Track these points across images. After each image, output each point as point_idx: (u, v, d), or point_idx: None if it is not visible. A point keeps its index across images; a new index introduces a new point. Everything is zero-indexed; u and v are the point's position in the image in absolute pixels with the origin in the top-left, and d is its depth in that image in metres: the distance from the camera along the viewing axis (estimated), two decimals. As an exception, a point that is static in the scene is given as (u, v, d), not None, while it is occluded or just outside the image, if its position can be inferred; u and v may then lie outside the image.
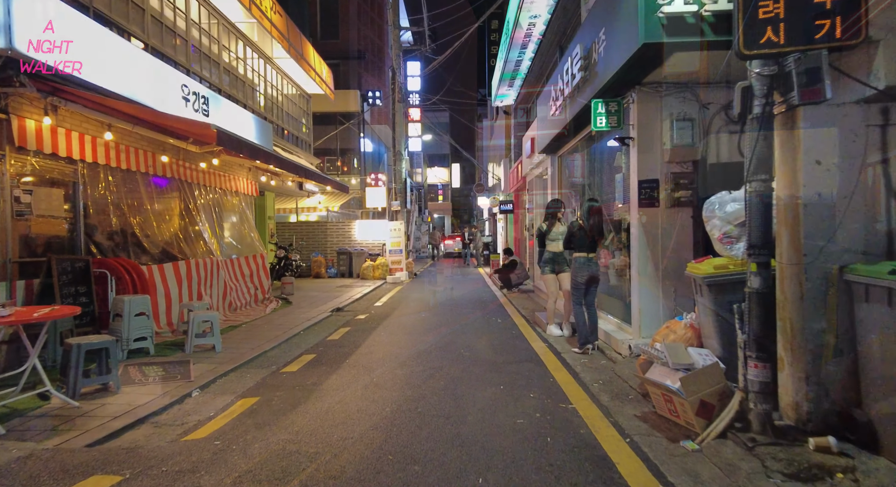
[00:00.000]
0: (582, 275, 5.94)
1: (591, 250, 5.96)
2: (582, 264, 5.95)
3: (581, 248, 5.99)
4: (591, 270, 5.97)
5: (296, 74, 14.97)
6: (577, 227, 6.03)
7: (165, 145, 7.95)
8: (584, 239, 5.96)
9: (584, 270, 5.94)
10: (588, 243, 5.95)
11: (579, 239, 5.99)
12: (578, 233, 6.00)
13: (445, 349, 6.37)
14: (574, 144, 8.38)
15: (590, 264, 5.96)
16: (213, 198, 9.85)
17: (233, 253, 10.24)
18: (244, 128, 10.15)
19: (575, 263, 6.04)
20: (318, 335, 7.47)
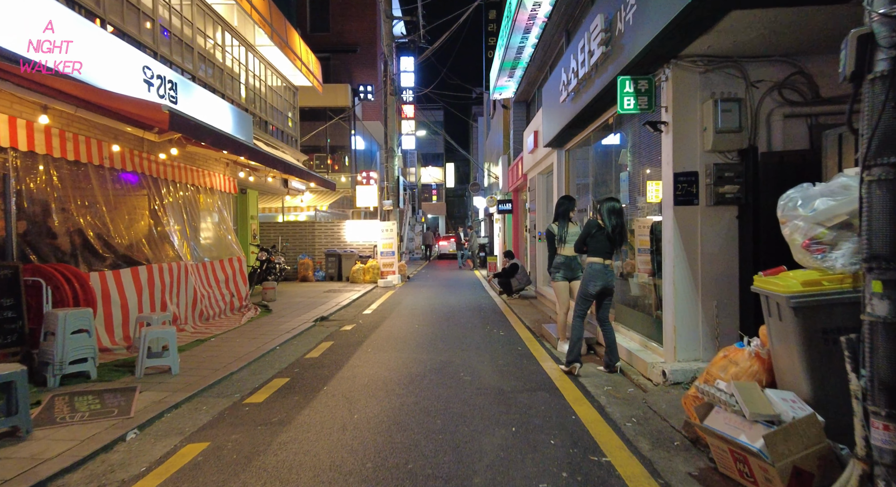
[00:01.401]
0: (594, 285, 5.07)
1: (608, 256, 5.09)
2: (597, 271, 5.06)
3: (597, 252, 5.10)
4: (607, 279, 5.09)
5: (281, 63, 14.03)
6: (595, 227, 5.14)
7: (122, 134, 6.99)
8: (604, 242, 5.07)
9: (597, 279, 5.07)
10: (607, 248, 5.07)
11: (598, 242, 5.09)
12: (597, 234, 5.10)
13: (442, 371, 5.45)
14: (586, 135, 7.49)
15: (606, 272, 5.08)
16: (184, 196, 8.89)
17: (206, 256, 9.29)
18: (220, 118, 9.22)
19: (588, 269, 5.14)
20: (296, 352, 6.54)
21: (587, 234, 5.17)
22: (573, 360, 5.11)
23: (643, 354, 5.08)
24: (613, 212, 5.07)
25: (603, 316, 5.15)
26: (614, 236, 5.01)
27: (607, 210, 5.09)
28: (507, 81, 13.30)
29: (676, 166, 4.53)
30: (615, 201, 5.14)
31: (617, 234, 5.02)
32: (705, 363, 4.47)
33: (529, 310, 9.83)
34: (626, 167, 7.09)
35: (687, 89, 4.51)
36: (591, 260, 5.12)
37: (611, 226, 5.03)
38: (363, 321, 8.94)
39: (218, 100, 9.60)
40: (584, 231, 5.25)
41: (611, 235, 5.01)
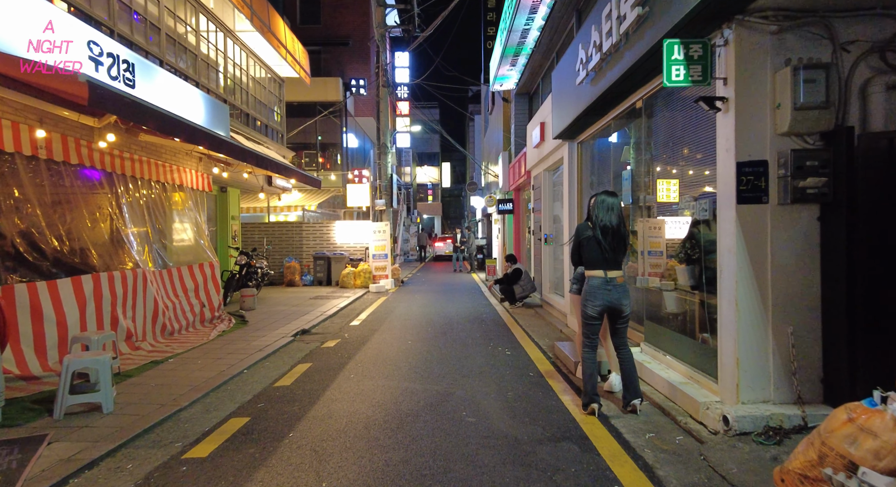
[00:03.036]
0: (593, 304, 4.11)
1: (610, 267, 4.08)
2: (595, 288, 4.09)
3: (593, 263, 4.13)
4: (611, 297, 4.07)
5: (264, 52, 12.98)
6: (584, 231, 4.18)
7: (62, 120, 5.93)
8: (598, 250, 4.09)
9: (596, 297, 4.09)
10: (605, 257, 4.07)
11: (591, 250, 4.12)
12: (587, 242, 4.14)
13: (439, 408, 4.43)
14: (605, 123, 6.48)
15: (607, 287, 4.07)
16: (147, 194, 7.84)
17: (173, 262, 8.24)
18: (190, 107, 8.16)
19: (586, 286, 4.20)
20: (266, 377, 5.52)
21: (577, 241, 4.21)
22: (589, 400, 4.11)
23: (690, 389, 4.07)
24: (605, 208, 4.09)
25: (618, 342, 4.18)
26: (604, 239, 4.03)
27: (597, 206, 4.14)
28: (508, 71, 12.29)
29: (740, 154, 3.53)
30: (608, 195, 4.16)
31: (609, 236, 4.03)
32: (779, 407, 3.47)
33: (536, 322, 8.82)
34: (630, 165, 6.18)
35: (754, 55, 3.51)
36: (589, 273, 4.17)
37: (600, 229, 4.06)
38: (350, 334, 7.91)
39: (189, 88, 8.55)
40: (573, 238, 4.28)
41: (601, 240, 4.03)
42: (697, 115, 4.42)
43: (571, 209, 7.90)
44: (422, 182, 50.44)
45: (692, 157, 4.60)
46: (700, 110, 4.31)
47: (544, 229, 10.15)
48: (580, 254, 4.20)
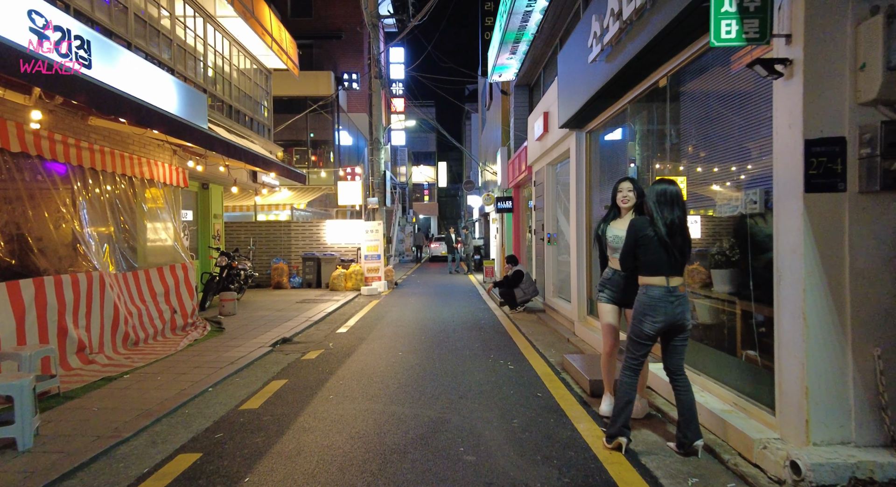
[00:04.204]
0: (653, 320, 3.25)
1: (673, 273, 3.28)
2: (656, 299, 3.25)
3: (654, 268, 3.27)
4: (675, 311, 3.24)
5: (250, 41, 12.22)
6: (645, 229, 3.31)
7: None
8: (662, 252, 3.26)
9: (657, 311, 3.24)
10: (670, 261, 3.26)
11: (652, 252, 3.29)
12: (650, 240, 3.29)
13: (431, 441, 3.68)
14: (621, 106, 5.75)
15: (671, 299, 3.24)
16: (111, 189, 7.08)
17: (139, 264, 7.47)
18: (161, 94, 7.39)
19: (642, 297, 3.34)
20: (233, 397, 4.76)
21: (634, 241, 3.37)
22: (617, 432, 3.35)
23: (736, 419, 3.33)
24: (667, 200, 3.26)
25: (674, 365, 3.36)
26: (672, 239, 3.24)
27: (655, 199, 3.30)
28: (508, 60, 11.55)
29: (809, 130, 2.80)
30: (668, 184, 3.32)
31: (676, 235, 3.24)
32: (865, 451, 2.74)
33: (540, 329, 8.08)
34: (634, 161, 5.61)
35: (829, 3, 2.78)
36: (646, 282, 3.33)
37: (664, 224, 3.25)
38: (335, 344, 7.16)
39: (162, 74, 7.78)
40: (628, 238, 3.42)
41: (666, 238, 3.24)
42: (741, 89, 3.69)
43: (579, 206, 7.17)
44: (418, 182, 49.68)
45: (732, 141, 3.87)
46: (744, 84, 3.59)
47: (547, 227, 9.41)
48: (635, 257, 3.39)
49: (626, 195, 3.95)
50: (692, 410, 3.23)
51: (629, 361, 3.42)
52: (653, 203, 3.27)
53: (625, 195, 3.95)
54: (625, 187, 3.98)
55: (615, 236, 3.94)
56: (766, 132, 3.33)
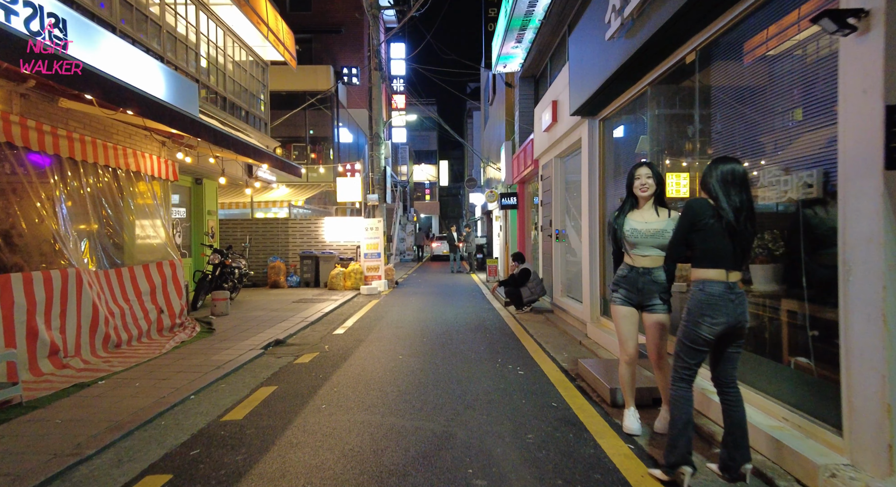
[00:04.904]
0: (713, 321, 2.73)
1: (734, 266, 2.76)
2: (715, 297, 2.73)
3: (713, 259, 2.75)
4: (737, 310, 2.74)
5: (245, 31, 11.77)
6: (706, 213, 2.77)
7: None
8: (724, 241, 2.75)
9: (716, 311, 2.72)
10: (730, 251, 2.75)
11: (712, 240, 2.76)
12: (710, 226, 2.75)
13: (435, 461, 3.23)
14: (640, 89, 5.29)
15: (733, 296, 2.73)
16: (93, 181, 6.64)
17: (123, 260, 7.03)
18: (146, 80, 6.96)
19: (698, 294, 2.79)
20: (216, 406, 4.31)
21: (689, 225, 2.81)
22: (679, 460, 2.79)
23: (790, 438, 2.87)
24: (735, 181, 2.74)
25: (727, 375, 2.87)
26: (741, 225, 2.73)
27: (720, 179, 2.76)
28: (513, 49, 11.08)
29: (892, 94, 2.34)
30: (734, 162, 2.80)
31: (745, 223, 2.73)
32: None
33: (549, 330, 7.62)
34: (647, 155, 5.24)
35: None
36: (703, 276, 2.79)
37: (731, 209, 2.72)
38: (331, 346, 6.71)
39: (150, 60, 7.35)
40: (683, 221, 2.86)
41: (735, 224, 2.72)
42: (790, 57, 3.23)
43: (592, 199, 6.71)
44: (419, 181, 49.28)
45: (776, 119, 3.41)
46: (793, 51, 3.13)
47: (555, 223, 8.95)
48: (688, 245, 2.86)
49: (644, 183, 3.48)
50: (743, 429, 2.76)
51: (682, 371, 2.88)
52: (716, 183, 2.76)
53: (643, 183, 3.48)
54: (643, 174, 3.51)
55: (633, 230, 3.48)
56: (822, 105, 2.88)
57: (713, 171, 2.79)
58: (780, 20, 3.26)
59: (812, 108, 3.03)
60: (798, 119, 3.17)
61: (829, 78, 2.82)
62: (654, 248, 3.45)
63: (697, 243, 2.81)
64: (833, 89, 2.73)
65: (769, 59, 3.46)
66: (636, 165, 3.58)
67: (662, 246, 3.44)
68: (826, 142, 2.87)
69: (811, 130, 3.04)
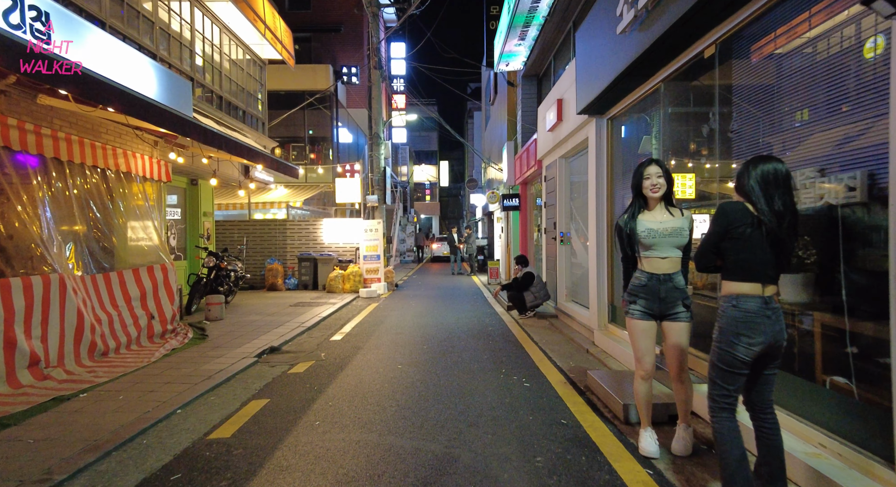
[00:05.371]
0: (750, 341, 2.42)
1: (770, 280, 2.46)
2: (751, 313, 2.42)
3: (748, 271, 2.44)
4: (775, 328, 2.43)
5: (242, 28, 11.51)
6: (741, 222, 2.45)
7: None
8: (763, 249, 2.43)
9: (754, 329, 2.41)
10: (770, 260, 2.44)
11: (748, 248, 2.44)
12: (746, 234, 2.44)
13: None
14: (653, 86, 5.02)
15: (769, 312, 2.43)
16: (81, 182, 6.39)
17: (111, 264, 6.77)
18: (136, 77, 6.68)
19: (729, 310, 2.48)
20: (203, 422, 4.04)
21: (723, 232, 2.49)
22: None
23: (833, 470, 2.60)
24: (778, 182, 2.40)
25: (763, 399, 2.57)
26: (784, 233, 2.40)
27: (760, 180, 2.42)
28: (516, 46, 10.82)
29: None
30: (776, 161, 2.46)
31: (789, 230, 2.41)
32: None
33: (554, 337, 7.35)
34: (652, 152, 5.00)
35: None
36: (736, 290, 2.48)
37: (774, 214, 2.39)
38: (328, 354, 6.44)
39: (140, 57, 7.07)
40: (715, 227, 2.52)
41: (776, 229, 2.39)
42: (826, 48, 2.97)
43: (600, 201, 6.45)
44: (419, 181, 49.01)
45: (809, 116, 3.14)
46: (830, 40, 2.86)
47: (559, 226, 8.69)
48: (719, 253, 2.55)
49: (655, 182, 3.22)
50: (781, 459, 2.49)
51: (721, 400, 2.53)
52: (756, 185, 2.44)
53: (654, 182, 3.22)
54: (653, 172, 3.24)
55: (649, 230, 3.21)
56: (867, 99, 2.61)
57: (752, 170, 2.47)
58: (812, 6, 2.99)
59: (854, 102, 2.76)
60: (836, 115, 2.89)
61: (873, 69, 2.55)
62: (673, 248, 3.19)
63: (731, 252, 2.50)
64: (882, 81, 2.46)
65: (800, 50, 3.19)
66: (644, 164, 3.31)
67: (681, 246, 3.21)
68: (872, 140, 2.60)
69: (852, 127, 2.77)
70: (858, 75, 2.73)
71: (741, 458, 2.45)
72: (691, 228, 3.25)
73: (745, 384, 2.56)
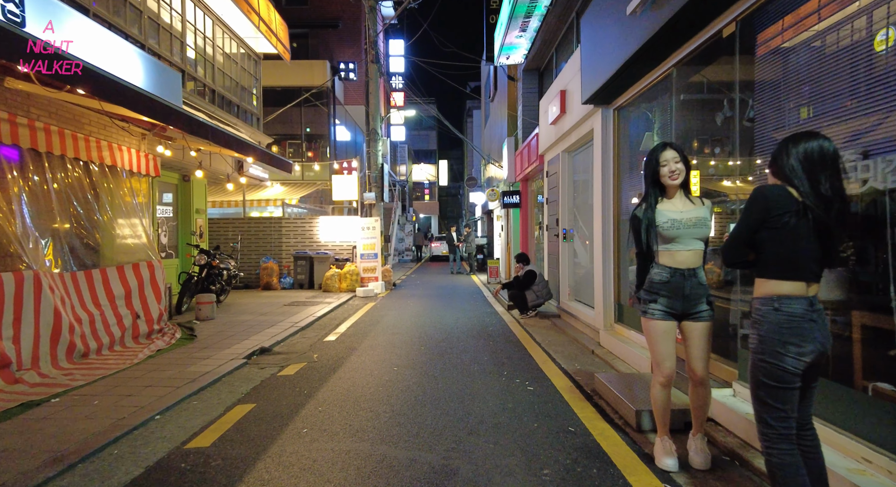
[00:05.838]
0: (799, 349, 2.06)
1: (816, 277, 2.12)
2: (799, 317, 2.08)
3: (794, 266, 2.10)
4: (823, 333, 2.10)
5: (235, 21, 11.22)
6: (786, 204, 2.07)
7: None
8: (809, 240, 2.07)
9: (803, 336, 2.07)
10: (815, 254, 2.09)
11: (790, 239, 2.09)
12: (787, 223, 2.07)
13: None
14: (664, 71, 4.73)
15: (814, 315, 2.09)
16: (62, 176, 6.09)
17: (94, 262, 6.47)
18: (121, 66, 6.40)
19: (773, 314, 2.11)
20: (182, 430, 3.74)
21: (760, 221, 2.13)
22: None
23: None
24: (823, 163, 2.05)
25: (804, 416, 2.19)
26: (833, 222, 2.03)
27: (804, 160, 2.07)
28: (517, 39, 10.53)
29: None
30: (821, 138, 2.09)
31: (837, 216, 2.04)
32: None
33: (557, 337, 7.06)
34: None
35: None
36: (776, 290, 2.13)
37: (821, 200, 2.04)
38: (321, 355, 6.14)
39: (127, 46, 6.78)
40: (750, 216, 2.16)
41: (824, 217, 2.03)
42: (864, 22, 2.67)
43: (606, 195, 6.15)
44: (418, 180, 48.73)
45: (845, 98, 2.84)
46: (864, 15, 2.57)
47: (562, 222, 8.39)
48: (753, 246, 2.18)
49: (673, 168, 2.91)
50: (824, 479, 2.17)
51: (777, 425, 2.10)
52: (798, 165, 2.07)
53: (672, 169, 2.91)
54: (669, 157, 2.93)
55: (672, 221, 2.89)
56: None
57: (792, 148, 2.11)
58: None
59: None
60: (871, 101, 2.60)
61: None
62: (697, 240, 2.90)
63: (769, 245, 2.13)
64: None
65: (838, 26, 2.89)
66: (658, 149, 2.99)
67: (704, 237, 2.92)
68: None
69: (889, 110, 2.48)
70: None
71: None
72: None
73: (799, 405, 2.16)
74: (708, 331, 2.94)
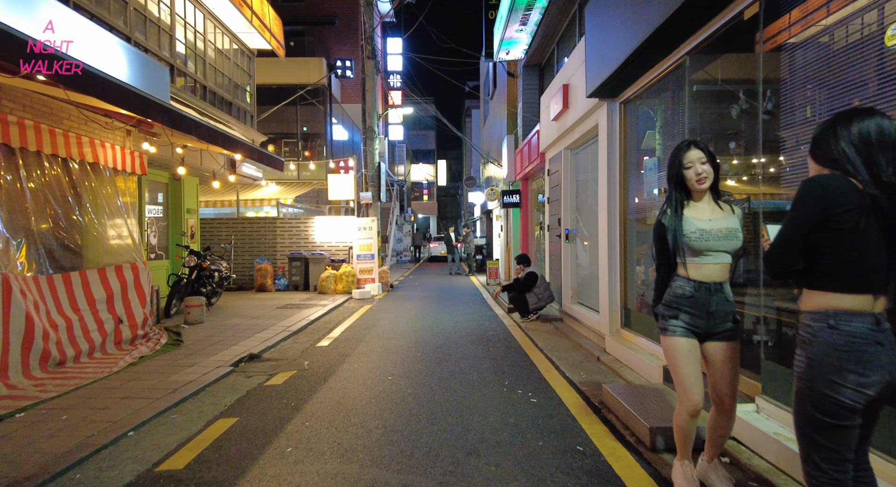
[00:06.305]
0: (861, 379, 1.67)
1: (881, 288, 1.71)
2: (862, 336, 1.68)
3: (854, 276, 1.71)
4: (892, 363, 1.68)
5: (228, 15, 10.91)
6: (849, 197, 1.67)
7: None
8: (876, 245, 1.67)
9: (867, 359, 1.67)
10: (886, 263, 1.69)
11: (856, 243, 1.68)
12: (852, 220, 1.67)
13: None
14: (677, 60, 4.42)
15: (879, 336, 1.68)
16: (39, 174, 5.77)
17: (73, 264, 6.15)
18: (104, 59, 6.07)
19: (829, 334, 1.71)
20: (155, 449, 3.42)
21: (818, 220, 1.72)
22: None
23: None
24: (884, 145, 1.68)
25: (860, 454, 1.82)
26: None
27: (859, 142, 1.70)
28: (517, 33, 10.21)
29: None
30: (878, 115, 1.71)
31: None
32: None
33: (560, 342, 6.74)
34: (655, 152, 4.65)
35: None
36: (835, 304, 1.73)
37: (879, 186, 1.66)
38: (312, 362, 5.83)
39: (110, 38, 6.46)
40: (803, 213, 1.76)
41: (890, 211, 1.64)
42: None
43: (611, 194, 5.85)
44: (417, 180, 48.41)
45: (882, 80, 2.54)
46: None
47: (565, 222, 8.08)
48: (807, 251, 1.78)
49: (700, 171, 2.54)
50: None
51: (830, 469, 1.74)
52: (850, 148, 1.71)
53: (699, 171, 2.54)
54: (695, 158, 2.56)
55: (701, 231, 2.52)
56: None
57: (841, 129, 1.75)
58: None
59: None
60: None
61: None
62: (726, 253, 2.56)
63: (829, 249, 1.73)
64: None
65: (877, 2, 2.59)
66: (682, 148, 2.60)
67: (734, 250, 2.57)
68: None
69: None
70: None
71: None
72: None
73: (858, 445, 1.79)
74: (736, 352, 2.61)
